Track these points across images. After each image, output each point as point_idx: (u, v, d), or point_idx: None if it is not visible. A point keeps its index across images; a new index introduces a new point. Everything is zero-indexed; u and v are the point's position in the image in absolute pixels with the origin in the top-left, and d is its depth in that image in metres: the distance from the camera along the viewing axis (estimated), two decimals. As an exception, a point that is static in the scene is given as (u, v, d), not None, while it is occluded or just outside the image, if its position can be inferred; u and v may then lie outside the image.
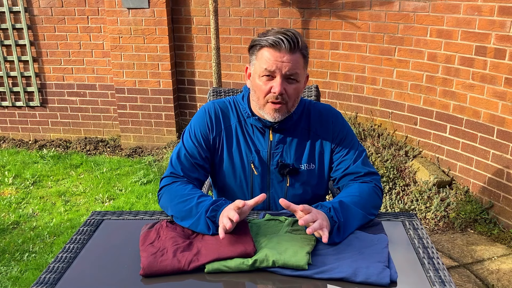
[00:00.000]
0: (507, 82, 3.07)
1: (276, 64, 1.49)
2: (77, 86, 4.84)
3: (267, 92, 1.53)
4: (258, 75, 1.54)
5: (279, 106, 1.54)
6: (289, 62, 1.49)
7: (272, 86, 1.52)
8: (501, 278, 2.72)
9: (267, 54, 1.51)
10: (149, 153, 4.64)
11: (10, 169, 4.27)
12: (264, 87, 1.53)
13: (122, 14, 4.35)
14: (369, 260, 1.28)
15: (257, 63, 1.54)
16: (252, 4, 4.20)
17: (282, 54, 1.49)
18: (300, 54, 1.52)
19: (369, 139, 3.91)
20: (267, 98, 1.54)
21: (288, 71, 1.50)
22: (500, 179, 3.18)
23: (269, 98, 1.54)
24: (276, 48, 1.49)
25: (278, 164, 1.64)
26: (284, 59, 1.49)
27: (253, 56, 1.56)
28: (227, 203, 1.42)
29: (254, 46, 1.55)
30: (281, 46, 1.48)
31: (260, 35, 1.54)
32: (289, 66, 1.50)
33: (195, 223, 1.43)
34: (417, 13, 3.54)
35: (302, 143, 1.66)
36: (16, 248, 3.05)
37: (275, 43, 1.48)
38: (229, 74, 4.47)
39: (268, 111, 1.56)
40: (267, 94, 1.53)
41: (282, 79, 1.51)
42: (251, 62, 1.58)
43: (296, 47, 1.50)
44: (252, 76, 1.58)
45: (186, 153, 1.64)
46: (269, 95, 1.53)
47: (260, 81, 1.53)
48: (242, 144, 1.65)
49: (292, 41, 1.48)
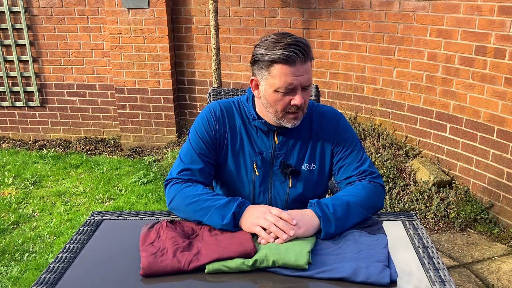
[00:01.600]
0: (507, 82, 3.07)
1: (295, 80, 1.46)
2: (77, 86, 4.84)
3: (286, 104, 1.51)
4: (273, 90, 1.50)
5: (298, 115, 1.55)
6: (304, 73, 1.47)
7: (291, 99, 1.50)
8: (501, 277, 2.72)
9: (283, 70, 1.45)
10: (149, 153, 4.64)
11: (10, 169, 4.27)
12: (283, 101, 1.51)
13: (122, 14, 4.35)
14: (369, 260, 1.28)
15: (270, 79, 1.49)
16: (252, 4, 4.20)
17: (298, 67, 1.45)
18: (310, 61, 1.50)
19: (369, 139, 3.91)
20: (287, 109, 1.53)
21: (306, 82, 1.49)
22: (500, 179, 3.18)
23: (289, 110, 1.53)
24: (291, 64, 1.44)
25: (281, 164, 1.65)
26: (301, 72, 1.46)
27: (263, 71, 1.50)
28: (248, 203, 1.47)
29: (261, 61, 1.49)
30: (296, 60, 1.44)
31: (265, 47, 1.47)
32: (306, 77, 1.48)
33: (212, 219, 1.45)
34: (417, 13, 3.54)
35: (304, 144, 1.66)
36: (16, 248, 3.05)
37: (289, 58, 1.43)
38: (229, 74, 4.47)
39: (288, 121, 1.55)
40: (287, 106, 1.52)
41: (301, 91, 1.50)
42: (261, 77, 1.52)
43: (307, 56, 1.47)
44: (266, 90, 1.53)
45: (193, 148, 1.64)
46: (289, 107, 1.52)
47: (277, 96, 1.50)
48: (246, 144, 1.66)
49: (305, 51, 1.45)
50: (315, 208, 1.44)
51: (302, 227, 1.39)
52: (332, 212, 1.43)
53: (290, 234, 1.35)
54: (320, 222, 1.41)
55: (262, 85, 1.53)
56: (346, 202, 1.48)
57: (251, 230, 1.40)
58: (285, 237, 1.34)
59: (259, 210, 1.43)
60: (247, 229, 1.41)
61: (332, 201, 1.47)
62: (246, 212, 1.44)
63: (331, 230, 1.41)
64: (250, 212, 1.44)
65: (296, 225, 1.38)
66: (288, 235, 1.34)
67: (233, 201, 1.46)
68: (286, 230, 1.35)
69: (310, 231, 1.40)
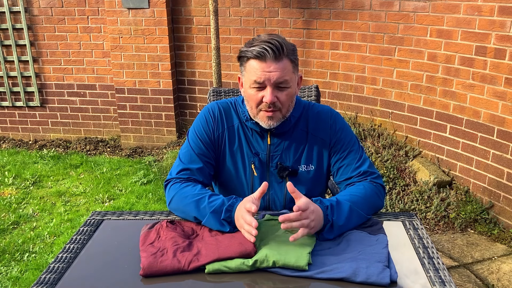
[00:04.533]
0: (507, 82, 3.07)
1: (264, 75, 1.49)
2: (77, 86, 4.84)
3: (259, 101, 1.53)
4: (248, 86, 1.54)
5: (272, 114, 1.54)
6: (276, 70, 1.48)
7: (263, 96, 1.52)
8: (501, 278, 2.72)
9: (254, 65, 1.49)
10: (149, 153, 4.64)
11: (10, 169, 4.27)
12: (255, 96, 1.53)
13: (122, 14, 4.35)
14: (369, 260, 1.28)
15: (246, 75, 1.54)
16: (252, 4, 4.20)
17: (269, 64, 1.47)
18: (287, 60, 1.50)
19: (369, 139, 3.91)
20: (260, 107, 1.54)
21: (276, 80, 1.49)
22: (500, 179, 3.18)
23: (262, 107, 1.54)
24: (261, 59, 1.48)
25: (277, 166, 1.64)
26: (271, 68, 1.48)
27: (242, 67, 1.56)
28: (238, 201, 1.45)
29: (241, 58, 1.55)
30: (266, 56, 1.46)
31: (246, 45, 1.52)
32: (277, 74, 1.48)
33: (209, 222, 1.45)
34: (417, 13, 3.54)
35: (301, 145, 1.66)
36: (16, 248, 3.05)
37: (259, 54, 1.47)
38: (229, 74, 4.47)
39: (262, 119, 1.56)
40: (259, 103, 1.54)
41: (272, 88, 1.50)
42: (242, 73, 1.58)
43: (281, 54, 1.48)
44: (244, 87, 1.58)
45: (192, 148, 1.65)
46: (261, 105, 1.54)
47: (252, 91, 1.53)
48: (244, 145, 1.66)
49: (277, 49, 1.46)
50: (327, 210, 1.43)
51: (313, 228, 1.38)
52: (336, 219, 1.43)
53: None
54: (326, 228, 1.41)
55: (242, 81, 1.60)
56: (349, 207, 1.47)
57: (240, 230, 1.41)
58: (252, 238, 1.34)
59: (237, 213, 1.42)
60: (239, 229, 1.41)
61: (337, 207, 1.45)
62: (235, 213, 1.43)
63: (331, 236, 1.42)
64: (236, 213, 1.43)
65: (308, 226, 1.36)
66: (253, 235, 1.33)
67: (223, 206, 1.45)
68: (250, 232, 1.34)
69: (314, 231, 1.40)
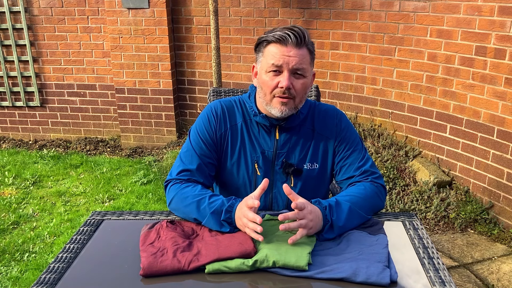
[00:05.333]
0: (507, 82, 3.07)
1: (283, 59, 1.49)
2: (77, 86, 4.84)
3: (274, 86, 1.52)
4: (265, 71, 1.54)
5: (286, 100, 1.53)
6: (296, 56, 1.49)
7: (279, 81, 1.51)
8: (501, 278, 2.72)
9: (274, 49, 1.51)
10: (149, 153, 4.64)
11: (10, 169, 4.27)
12: (271, 82, 1.52)
13: (122, 14, 4.35)
14: (369, 260, 1.28)
15: (263, 60, 1.55)
16: (252, 4, 4.20)
17: (289, 48, 1.49)
18: (306, 50, 1.52)
19: (369, 139, 3.91)
20: (274, 92, 1.53)
21: (295, 65, 1.50)
22: (500, 179, 3.18)
23: (276, 93, 1.53)
24: (282, 43, 1.49)
25: (283, 163, 1.64)
26: (291, 53, 1.49)
27: (260, 53, 1.56)
28: (237, 202, 1.44)
29: (260, 43, 1.56)
30: (288, 40, 1.48)
31: (266, 32, 1.54)
32: (296, 60, 1.50)
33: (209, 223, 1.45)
34: (417, 13, 3.54)
35: (307, 143, 1.66)
36: (16, 248, 3.05)
37: (281, 38, 1.48)
38: (229, 74, 4.47)
39: (275, 105, 1.55)
40: (274, 88, 1.53)
41: (289, 74, 1.51)
42: (258, 60, 1.59)
43: (303, 42, 1.50)
44: (259, 73, 1.58)
45: (194, 148, 1.64)
46: (276, 90, 1.53)
47: (267, 77, 1.53)
48: (247, 143, 1.65)
49: (299, 36, 1.49)
50: (325, 210, 1.43)
51: (312, 228, 1.38)
52: (335, 219, 1.43)
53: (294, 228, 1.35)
54: (325, 228, 1.41)
55: (258, 68, 1.59)
56: (349, 207, 1.47)
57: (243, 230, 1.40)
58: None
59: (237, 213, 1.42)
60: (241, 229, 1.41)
61: (337, 207, 1.45)
62: (235, 213, 1.43)
63: (331, 236, 1.42)
64: (236, 213, 1.42)
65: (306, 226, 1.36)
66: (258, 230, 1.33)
67: (223, 206, 1.44)
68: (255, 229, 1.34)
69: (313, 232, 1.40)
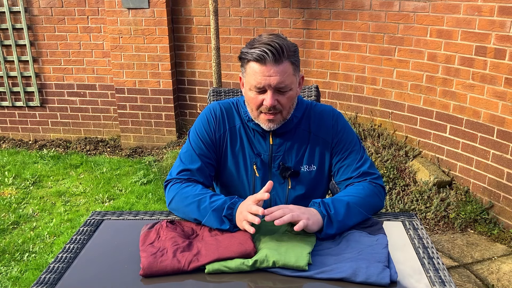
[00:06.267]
0: (507, 82, 3.07)
1: (264, 80, 1.46)
2: (77, 86, 4.84)
3: (259, 104, 1.52)
4: (248, 89, 1.53)
5: (272, 117, 1.53)
6: (276, 74, 1.45)
7: (263, 99, 1.50)
8: (501, 278, 2.72)
9: (254, 68, 1.47)
10: (149, 153, 4.64)
11: (10, 169, 4.27)
12: (255, 100, 1.52)
13: (122, 14, 4.35)
14: (369, 260, 1.28)
15: (246, 77, 1.52)
16: (252, 4, 4.20)
17: (268, 67, 1.45)
18: (288, 62, 1.47)
19: (369, 139, 3.91)
20: (260, 109, 1.53)
21: (277, 84, 1.47)
22: (500, 179, 3.18)
23: (262, 110, 1.53)
24: (261, 62, 1.45)
25: (280, 166, 1.64)
26: (271, 72, 1.45)
27: (243, 68, 1.54)
28: (240, 201, 1.44)
29: (241, 59, 1.52)
30: (266, 59, 1.44)
31: (248, 45, 1.50)
32: (277, 79, 1.46)
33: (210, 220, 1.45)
34: (417, 13, 3.54)
35: (303, 145, 1.66)
36: (16, 248, 3.05)
37: (259, 57, 1.44)
38: (229, 74, 4.47)
39: (263, 122, 1.56)
40: (260, 106, 1.52)
41: (273, 92, 1.49)
42: (242, 74, 1.56)
43: (281, 57, 1.45)
44: (245, 87, 1.57)
45: (193, 148, 1.64)
46: (262, 107, 1.52)
47: (252, 94, 1.52)
48: (246, 145, 1.66)
49: (277, 52, 1.43)
50: (320, 207, 1.43)
51: (311, 220, 1.38)
52: (334, 213, 1.43)
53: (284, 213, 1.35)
54: (324, 222, 1.41)
55: (243, 82, 1.58)
56: (347, 203, 1.47)
57: (242, 228, 1.40)
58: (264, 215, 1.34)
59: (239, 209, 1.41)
60: (241, 228, 1.41)
61: (333, 203, 1.46)
62: (237, 211, 1.43)
63: (332, 231, 1.42)
64: (238, 211, 1.43)
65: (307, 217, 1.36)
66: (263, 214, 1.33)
67: (225, 204, 1.44)
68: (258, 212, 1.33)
69: (316, 227, 1.39)
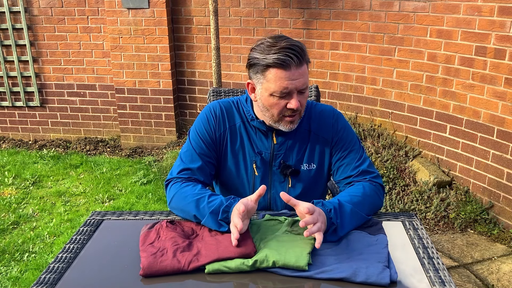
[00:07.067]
0: (507, 82, 3.07)
1: (290, 84, 1.46)
2: (77, 86, 4.84)
3: (283, 108, 1.52)
4: (269, 94, 1.50)
5: (294, 118, 1.55)
6: (300, 77, 1.47)
7: (287, 102, 1.50)
8: (501, 278, 2.72)
9: (278, 74, 1.45)
10: (149, 153, 4.64)
11: (10, 169, 4.27)
12: (279, 105, 1.51)
13: (122, 14, 4.35)
14: (369, 260, 1.28)
15: (266, 83, 1.49)
16: (252, 4, 4.20)
17: (293, 71, 1.45)
18: (305, 63, 1.50)
19: (369, 139, 3.91)
20: (283, 113, 1.53)
21: (301, 86, 1.49)
22: (500, 179, 3.18)
23: (285, 113, 1.53)
24: (285, 68, 1.44)
25: (280, 164, 1.64)
26: (296, 75, 1.46)
27: (259, 75, 1.50)
28: (236, 201, 1.43)
29: (256, 65, 1.49)
30: (292, 63, 1.44)
31: (260, 51, 1.48)
32: (302, 81, 1.48)
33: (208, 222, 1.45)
34: (417, 13, 3.54)
35: (303, 144, 1.66)
36: (16, 248, 3.05)
37: (284, 62, 1.43)
38: (229, 74, 4.47)
39: (284, 124, 1.56)
40: (283, 110, 1.52)
41: (296, 95, 1.50)
42: (257, 80, 1.52)
43: (303, 59, 1.47)
44: (262, 94, 1.53)
45: (193, 148, 1.65)
46: (284, 111, 1.52)
47: (274, 99, 1.50)
48: (246, 144, 1.66)
49: (300, 55, 1.45)
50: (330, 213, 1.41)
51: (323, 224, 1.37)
52: (340, 224, 1.42)
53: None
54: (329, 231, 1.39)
55: (258, 89, 1.54)
56: (350, 210, 1.46)
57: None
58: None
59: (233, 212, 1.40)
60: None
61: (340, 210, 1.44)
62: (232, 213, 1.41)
63: (334, 239, 1.41)
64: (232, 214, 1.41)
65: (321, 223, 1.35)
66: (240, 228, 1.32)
67: (221, 206, 1.43)
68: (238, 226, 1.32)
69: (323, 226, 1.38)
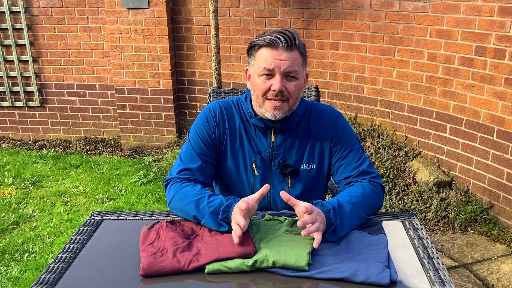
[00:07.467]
0: (507, 82, 3.07)
1: (274, 62, 1.51)
2: (77, 86, 4.84)
3: (266, 89, 1.54)
4: (257, 74, 1.55)
5: (279, 104, 1.54)
6: (287, 59, 1.51)
7: (271, 84, 1.53)
8: (501, 278, 2.72)
9: (265, 53, 1.53)
10: (149, 153, 4.64)
11: (10, 169, 4.27)
12: (263, 85, 1.54)
13: (122, 14, 4.35)
14: (369, 260, 1.28)
15: (255, 63, 1.56)
16: (252, 4, 4.20)
17: (280, 52, 1.51)
18: (298, 52, 1.53)
19: (369, 139, 3.91)
20: (267, 95, 1.55)
21: (287, 68, 1.51)
22: (500, 179, 3.18)
23: (268, 96, 1.55)
24: (273, 47, 1.51)
25: (280, 164, 1.64)
26: (282, 56, 1.51)
27: (252, 57, 1.59)
28: (236, 201, 1.43)
29: (252, 47, 1.58)
30: (279, 44, 1.50)
31: (258, 36, 1.57)
32: (288, 63, 1.51)
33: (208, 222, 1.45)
34: (417, 13, 3.54)
35: (303, 143, 1.67)
36: (16, 248, 3.05)
37: (272, 42, 1.51)
38: (229, 74, 4.47)
39: (268, 109, 1.56)
40: (267, 91, 1.54)
41: (281, 77, 1.52)
42: (250, 63, 1.61)
43: (293, 45, 1.51)
44: (252, 76, 1.60)
45: (193, 148, 1.65)
46: (268, 93, 1.54)
47: (259, 80, 1.55)
48: (246, 143, 1.66)
49: (289, 39, 1.50)
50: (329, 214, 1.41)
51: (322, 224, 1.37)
52: (339, 224, 1.42)
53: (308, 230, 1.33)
54: (329, 231, 1.40)
55: (251, 72, 1.61)
56: (350, 210, 1.46)
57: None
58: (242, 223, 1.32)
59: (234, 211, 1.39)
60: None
61: (339, 210, 1.44)
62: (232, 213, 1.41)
63: (333, 239, 1.41)
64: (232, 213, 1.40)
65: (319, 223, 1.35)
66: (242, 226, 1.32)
67: (221, 206, 1.43)
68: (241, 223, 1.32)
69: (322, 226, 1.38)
